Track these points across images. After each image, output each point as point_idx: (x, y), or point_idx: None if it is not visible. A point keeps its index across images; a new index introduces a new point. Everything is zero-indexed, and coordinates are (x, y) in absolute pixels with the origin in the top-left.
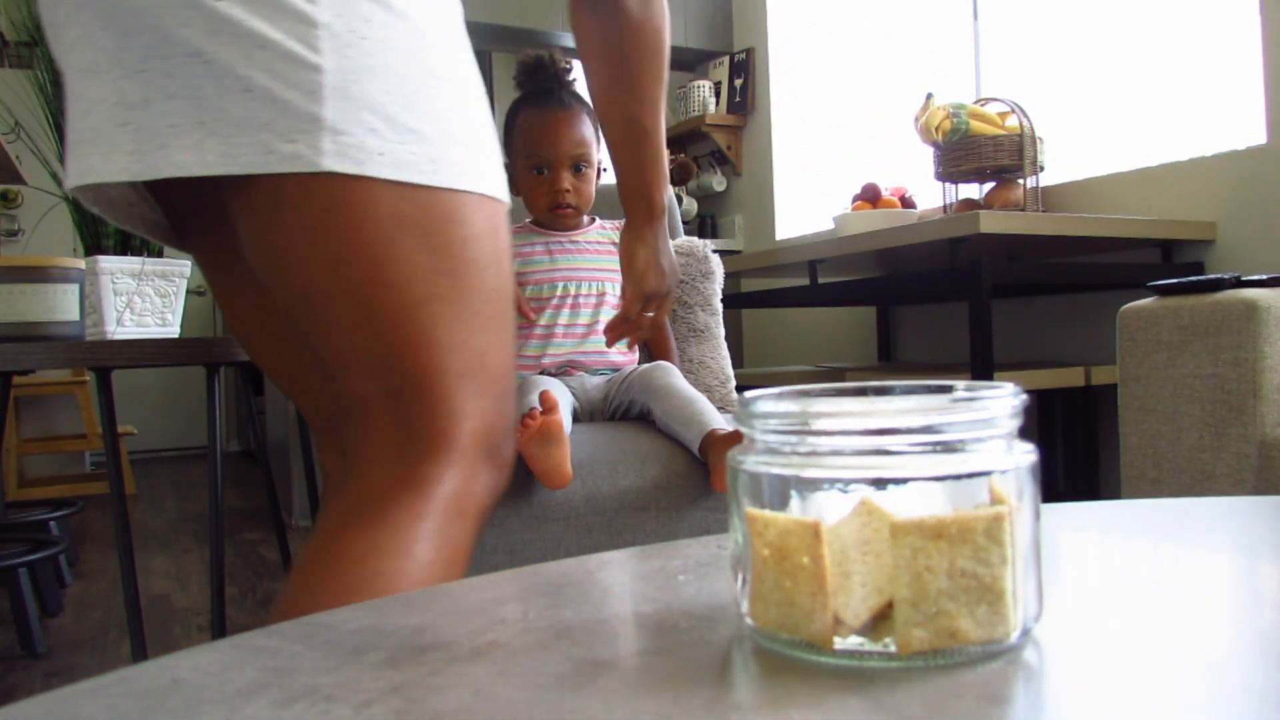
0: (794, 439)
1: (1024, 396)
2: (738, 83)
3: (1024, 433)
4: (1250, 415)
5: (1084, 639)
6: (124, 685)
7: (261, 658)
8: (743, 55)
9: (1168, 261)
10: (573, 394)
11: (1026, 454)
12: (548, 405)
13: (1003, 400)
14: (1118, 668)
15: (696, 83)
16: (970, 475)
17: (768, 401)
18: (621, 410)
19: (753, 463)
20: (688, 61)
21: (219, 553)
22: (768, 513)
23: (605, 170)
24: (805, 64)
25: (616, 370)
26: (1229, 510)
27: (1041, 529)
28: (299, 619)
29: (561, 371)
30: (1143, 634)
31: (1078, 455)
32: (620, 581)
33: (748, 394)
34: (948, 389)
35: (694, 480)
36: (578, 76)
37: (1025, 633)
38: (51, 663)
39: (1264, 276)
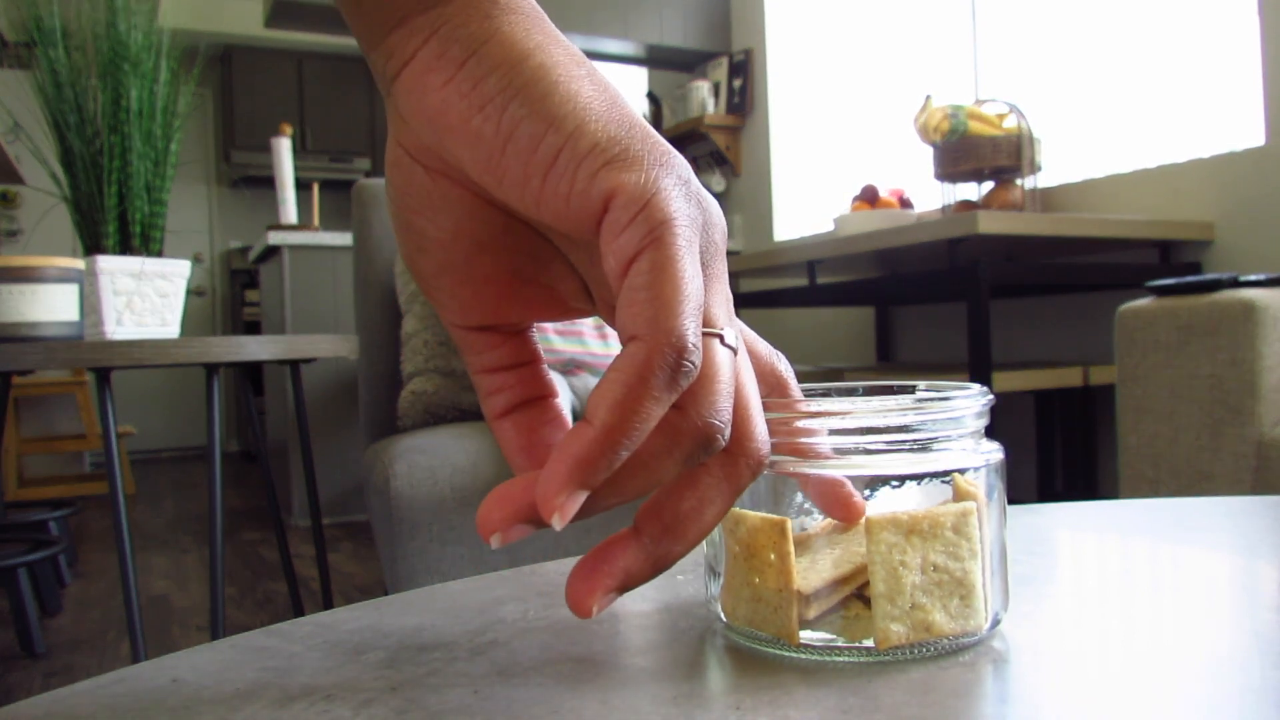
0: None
1: (990, 396)
2: (736, 83)
3: (1023, 433)
4: (1248, 415)
5: (1079, 638)
6: (123, 685)
7: (260, 658)
8: (741, 56)
9: (1166, 262)
10: (574, 393)
11: (993, 452)
12: None
13: (969, 400)
14: (1114, 667)
15: (695, 83)
16: (939, 473)
17: None
18: None
19: None
20: (686, 62)
21: (218, 553)
22: (738, 510)
23: None
24: (804, 65)
25: None
26: (1227, 510)
27: (1009, 525)
28: (297, 620)
29: (566, 370)
30: (1139, 633)
31: (1076, 455)
32: None
33: None
34: (910, 389)
35: None
36: None
37: (995, 624)
38: (50, 663)
39: (1262, 277)
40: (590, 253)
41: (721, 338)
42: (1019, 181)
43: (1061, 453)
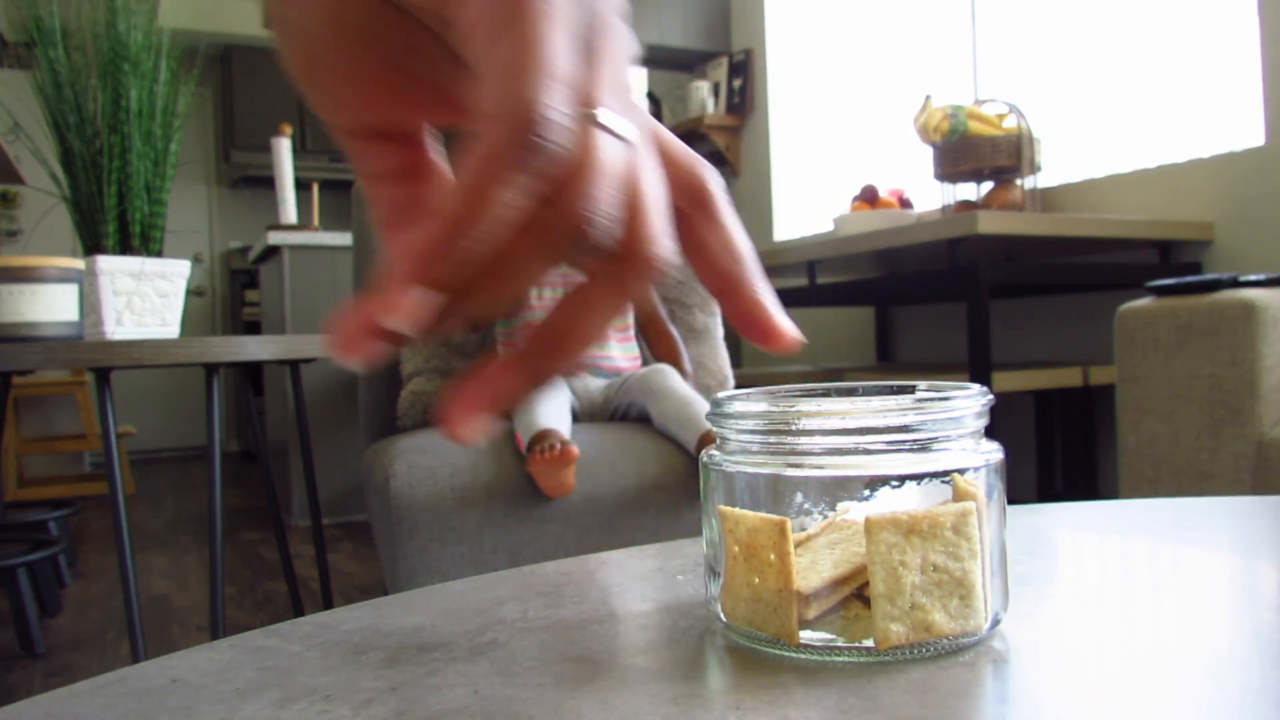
0: (765, 439)
1: (990, 396)
2: (736, 83)
3: (1023, 433)
4: (1248, 415)
5: (1079, 638)
6: (123, 685)
7: (260, 658)
8: (741, 56)
9: (1165, 262)
10: (574, 394)
11: (993, 452)
12: (563, 439)
13: (969, 400)
14: (1114, 667)
15: (695, 83)
16: (939, 474)
17: (739, 402)
18: (621, 412)
19: (726, 462)
20: (686, 62)
21: (218, 553)
22: (738, 510)
23: None
24: (804, 65)
25: (619, 374)
26: (1226, 510)
27: (1008, 525)
28: (297, 620)
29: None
30: (1139, 633)
31: (1076, 455)
32: (619, 581)
33: (719, 394)
34: (910, 389)
35: (691, 480)
36: None
37: (995, 624)
38: (50, 663)
39: (1261, 277)
40: None
41: (603, 124)
42: (1019, 181)
43: (1061, 453)
